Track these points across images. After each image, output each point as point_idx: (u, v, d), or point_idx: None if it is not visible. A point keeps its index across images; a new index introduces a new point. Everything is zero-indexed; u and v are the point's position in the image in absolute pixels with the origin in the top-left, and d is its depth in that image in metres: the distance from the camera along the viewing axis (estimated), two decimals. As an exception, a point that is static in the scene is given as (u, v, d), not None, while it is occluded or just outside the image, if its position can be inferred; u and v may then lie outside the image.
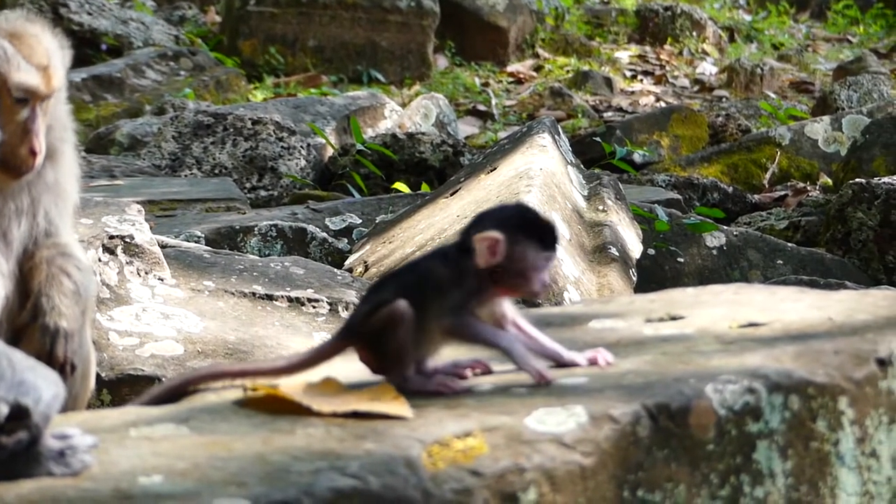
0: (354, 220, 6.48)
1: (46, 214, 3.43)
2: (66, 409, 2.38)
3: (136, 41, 12.34)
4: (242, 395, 2.63)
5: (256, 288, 4.67)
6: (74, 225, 3.62)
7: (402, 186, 7.95)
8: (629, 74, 14.09)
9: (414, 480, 2.24)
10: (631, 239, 5.93)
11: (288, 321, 4.55)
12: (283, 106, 9.84)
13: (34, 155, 3.31)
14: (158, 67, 11.55)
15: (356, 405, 2.48)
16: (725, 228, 7.12)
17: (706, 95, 13.40)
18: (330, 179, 8.65)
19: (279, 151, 8.48)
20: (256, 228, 6.19)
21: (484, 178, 6.02)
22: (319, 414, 2.47)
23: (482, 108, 12.33)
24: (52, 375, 2.26)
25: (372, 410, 2.46)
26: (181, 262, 4.75)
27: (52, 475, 2.21)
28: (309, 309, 4.63)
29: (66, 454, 2.24)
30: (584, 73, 13.40)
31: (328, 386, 2.62)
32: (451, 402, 2.53)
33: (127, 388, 4.13)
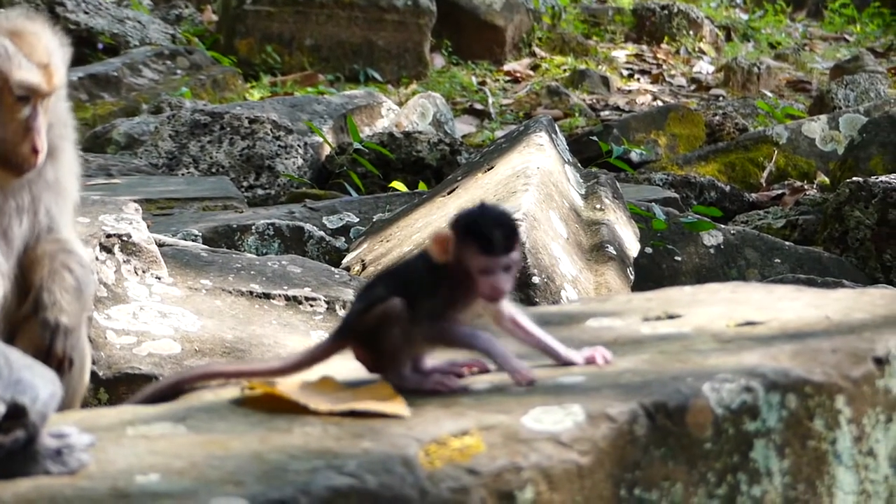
0: (352, 218, 6.48)
1: (47, 212, 3.43)
2: (62, 405, 2.37)
3: (132, 40, 12.33)
4: (239, 393, 2.63)
5: (254, 286, 4.67)
6: (75, 223, 3.62)
7: (399, 185, 7.95)
8: (626, 73, 14.09)
9: (411, 479, 2.24)
10: (628, 237, 5.93)
11: (285, 320, 4.55)
12: (279, 105, 9.84)
13: (36, 153, 3.31)
14: (155, 66, 11.54)
15: (353, 404, 2.48)
16: (723, 227, 7.12)
17: (703, 94, 13.40)
18: (327, 178, 8.65)
19: (276, 150, 8.48)
20: (254, 227, 6.19)
21: (481, 176, 6.02)
22: (317, 413, 2.47)
23: (479, 106, 12.33)
24: (49, 374, 2.26)
25: (369, 409, 2.46)
26: (178, 260, 4.75)
27: (49, 474, 2.21)
28: (306, 307, 4.63)
29: (63, 453, 2.23)
30: (580, 71, 13.40)
31: (325, 385, 2.61)
32: (448, 400, 2.52)
33: (124, 386, 4.13)
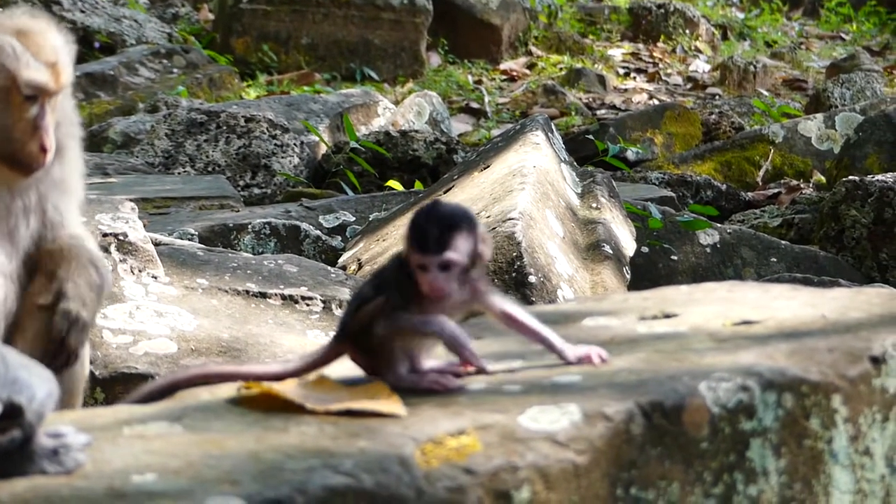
0: (348, 217, 6.48)
1: (56, 210, 3.43)
2: (63, 401, 2.37)
3: (129, 39, 12.32)
4: (236, 393, 2.63)
5: (250, 286, 4.67)
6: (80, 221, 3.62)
7: (395, 184, 7.95)
8: (622, 72, 14.09)
9: (407, 478, 2.23)
10: (624, 236, 5.93)
11: (281, 319, 4.55)
12: (276, 104, 9.83)
13: (44, 152, 3.30)
14: (151, 65, 11.54)
15: (350, 403, 2.48)
16: (719, 226, 7.12)
17: (699, 93, 13.40)
18: (323, 177, 8.64)
19: (272, 149, 8.48)
20: (250, 226, 6.19)
21: (477, 175, 6.02)
22: (313, 412, 2.47)
23: (475, 105, 12.32)
24: (45, 374, 2.25)
25: (365, 409, 2.46)
26: (175, 259, 4.75)
27: (45, 473, 2.21)
28: (302, 307, 4.63)
29: (59, 452, 2.23)
30: (577, 70, 13.40)
31: (322, 384, 2.61)
32: (444, 400, 2.52)
33: (120, 386, 4.13)
